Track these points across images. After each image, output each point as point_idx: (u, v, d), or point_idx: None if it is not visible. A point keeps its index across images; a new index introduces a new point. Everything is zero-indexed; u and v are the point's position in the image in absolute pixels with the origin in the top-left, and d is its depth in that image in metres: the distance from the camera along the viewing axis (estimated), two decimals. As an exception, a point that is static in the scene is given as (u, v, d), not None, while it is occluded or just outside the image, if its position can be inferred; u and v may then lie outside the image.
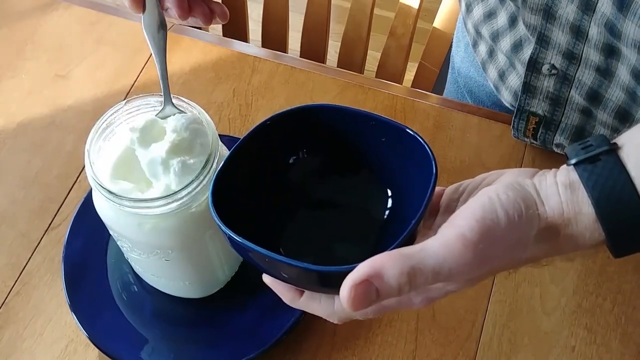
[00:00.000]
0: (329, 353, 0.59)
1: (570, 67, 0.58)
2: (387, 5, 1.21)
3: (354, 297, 0.33)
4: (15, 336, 0.60)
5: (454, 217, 0.36)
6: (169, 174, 0.48)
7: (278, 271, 0.39)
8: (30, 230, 0.65)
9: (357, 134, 0.44)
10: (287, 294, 0.42)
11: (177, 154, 0.48)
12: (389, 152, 0.44)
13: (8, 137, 0.71)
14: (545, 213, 0.36)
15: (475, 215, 0.35)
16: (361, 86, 0.74)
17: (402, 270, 0.33)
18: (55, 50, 0.77)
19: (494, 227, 0.35)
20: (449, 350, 0.59)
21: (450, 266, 0.34)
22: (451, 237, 0.34)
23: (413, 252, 0.34)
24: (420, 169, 0.40)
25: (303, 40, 0.97)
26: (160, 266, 0.55)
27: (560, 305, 0.61)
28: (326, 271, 0.36)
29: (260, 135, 0.43)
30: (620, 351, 0.59)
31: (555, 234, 0.37)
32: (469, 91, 0.80)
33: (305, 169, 0.46)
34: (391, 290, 0.33)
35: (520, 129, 0.66)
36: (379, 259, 0.34)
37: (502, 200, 0.35)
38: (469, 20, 0.68)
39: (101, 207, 0.52)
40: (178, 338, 0.60)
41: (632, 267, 0.62)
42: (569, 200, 0.36)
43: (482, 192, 0.37)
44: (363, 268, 0.33)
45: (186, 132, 0.49)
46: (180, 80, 0.75)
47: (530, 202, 0.36)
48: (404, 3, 0.89)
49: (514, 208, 0.35)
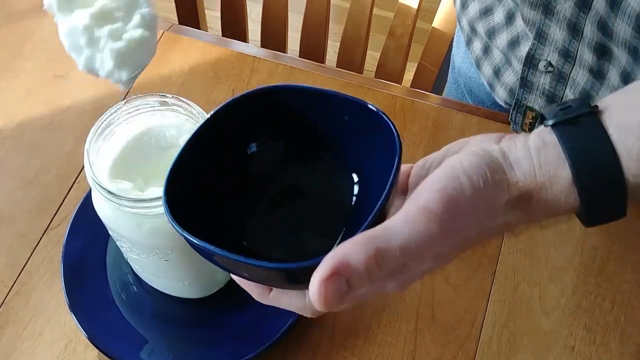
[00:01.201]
0: (328, 353, 0.59)
1: (566, 65, 0.58)
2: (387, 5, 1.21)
3: (325, 295, 0.31)
4: (15, 336, 0.60)
5: (416, 191, 0.34)
6: (97, 49, 0.40)
7: (240, 272, 0.38)
8: (29, 231, 0.65)
9: (319, 115, 0.41)
10: (256, 290, 0.39)
11: (107, 22, 0.40)
12: (353, 133, 0.41)
13: (7, 137, 0.71)
14: (515, 177, 0.34)
15: (436, 185, 0.33)
16: (360, 86, 0.74)
17: (368, 254, 0.31)
18: (54, 51, 0.77)
19: (458, 196, 0.33)
20: (448, 350, 0.59)
21: (416, 241, 0.32)
22: (414, 212, 0.32)
23: (376, 234, 0.32)
24: (385, 148, 0.38)
25: (302, 40, 0.97)
26: (160, 266, 0.55)
27: (560, 305, 0.61)
28: (289, 268, 0.34)
29: (214, 126, 0.41)
30: (619, 351, 0.59)
31: (528, 199, 0.35)
32: (469, 91, 0.80)
33: (267, 156, 0.43)
34: (361, 277, 0.31)
35: (518, 122, 0.66)
36: (342, 247, 0.31)
37: (464, 167, 0.33)
38: (463, 17, 0.69)
39: (100, 207, 0.52)
40: (177, 338, 0.60)
41: (631, 267, 0.62)
42: (542, 163, 0.34)
43: (445, 162, 0.35)
44: (328, 261, 0.31)
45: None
46: (179, 80, 0.75)
47: (496, 166, 0.34)
48: (403, 3, 0.89)
49: (478, 174, 0.33)
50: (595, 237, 0.64)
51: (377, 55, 0.95)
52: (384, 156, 0.38)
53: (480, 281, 0.62)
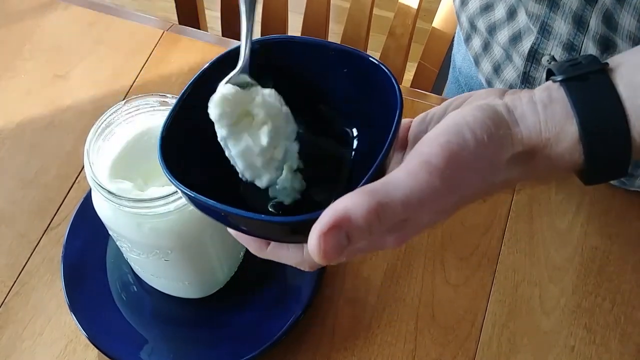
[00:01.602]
0: (328, 353, 0.59)
1: None
2: (387, 5, 1.21)
3: (324, 248, 0.30)
4: (15, 336, 0.60)
5: (419, 144, 0.33)
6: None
7: (239, 225, 0.37)
8: (29, 231, 0.65)
9: (316, 68, 0.40)
10: (253, 244, 0.39)
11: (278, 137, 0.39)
12: (352, 86, 0.40)
13: (7, 138, 0.71)
14: (520, 133, 0.34)
15: (439, 139, 0.32)
16: (360, 86, 0.74)
17: (369, 208, 0.30)
18: (54, 51, 0.77)
19: (460, 151, 0.32)
20: (448, 350, 0.59)
21: (418, 195, 0.31)
22: (415, 165, 0.32)
23: (378, 187, 0.31)
24: (385, 101, 0.37)
25: (302, 40, 0.97)
26: (160, 266, 0.55)
27: (560, 305, 0.61)
28: (289, 221, 0.33)
29: (208, 78, 0.39)
30: (619, 351, 0.59)
31: (532, 155, 0.34)
32: (469, 90, 0.80)
33: None
34: (362, 231, 0.30)
35: None
36: (342, 201, 0.30)
37: (468, 121, 0.33)
38: (463, 13, 0.68)
39: (100, 207, 0.52)
40: (177, 338, 0.60)
41: (631, 266, 0.62)
42: (548, 119, 0.34)
43: (447, 116, 0.34)
44: (328, 214, 0.30)
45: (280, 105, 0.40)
46: (179, 80, 0.75)
47: (501, 121, 0.33)
48: (403, 3, 0.89)
49: (482, 128, 0.33)
50: (595, 237, 0.64)
51: (377, 55, 0.95)
52: (384, 109, 0.37)
53: (480, 281, 0.62)
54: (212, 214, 0.36)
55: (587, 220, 0.64)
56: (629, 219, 0.65)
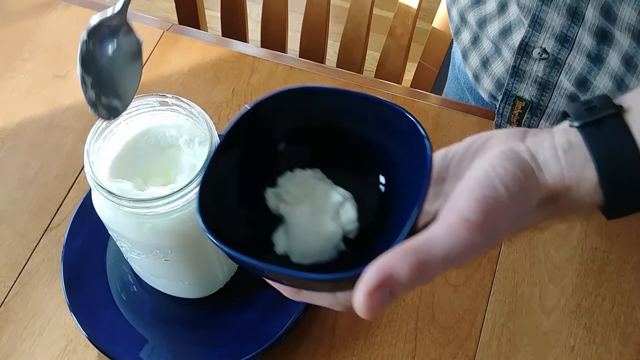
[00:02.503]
0: (328, 353, 0.59)
1: (562, 51, 0.57)
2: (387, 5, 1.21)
3: (370, 306, 0.32)
4: (15, 336, 0.60)
5: (453, 198, 0.34)
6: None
7: (278, 280, 0.38)
8: (29, 231, 0.65)
9: (343, 115, 0.41)
10: (288, 290, 0.41)
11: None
12: (377, 133, 0.41)
13: (7, 138, 0.71)
14: (545, 181, 0.35)
15: (475, 194, 0.33)
16: (360, 86, 0.74)
17: (411, 267, 0.32)
18: (54, 51, 0.77)
19: (496, 205, 0.33)
20: (448, 350, 0.59)
21: (458, 252, 0.33)
22: (454, 222, 0.33)
23: (418, 245, 0.32)
24: (411, 148, 0.38)
25: (302, 40, 0.97)
26: (160, 266, 0.55)
27: (560, 305, 0.61)
28: (330, 279, 0.34)
29: (240, 129, 0.41)
30: (619, 351, 0.59)
31: (555, 199, 0.36)
32: (469, 88, 0.80)
33: (294, 157, 0.43)
34: (404, 288, 0.32)
35: (506, 114, 0.66)
36: (385, 260, 0.32)
37: (499, 173, 0.34)
38: (453, 7, 0.69)
39: (100, 207, 0.52)
40: (177, 338, 0.60)
41: (631, 266, 0.62)
42: (569, 165, 0.35)
43: (476, 166, 0.35)
44: (372, 274, 0.32)
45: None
46: (179, 80, 0.75)
47: (529, 171, 0.35)
48: (403, 3, 0.89)
49: (513, 180, 0.34)
50: (595, 237, 0.64)
51: (377, 55, 0.95)
52: (410, 156, 0.38)
53: (480, 281, 0.62)
54: (254, 270, 0.37)
55: (587, 220, 0.64)
56: (629, 219, 0.64)
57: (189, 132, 0.52)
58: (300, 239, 0.40)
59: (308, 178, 0.42)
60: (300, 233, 0.40)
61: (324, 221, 0.40)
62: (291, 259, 0.40)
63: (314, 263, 0.40)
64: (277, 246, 0.41)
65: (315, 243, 0.40)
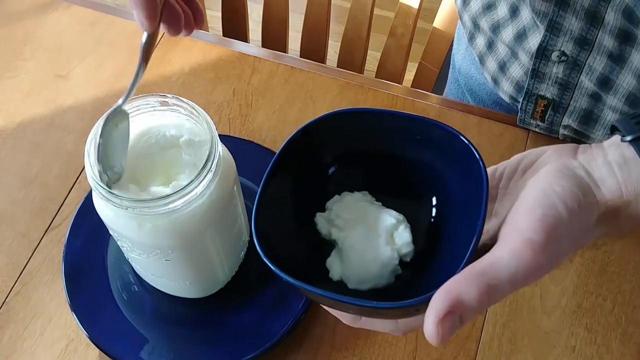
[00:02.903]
0: (329, 352, 0.59)
1: (582, 53, 0.57)
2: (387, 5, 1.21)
3: (442, 333, 0.32)
4: (16, 336, 0.60)
5: (513, 218, 0.34)
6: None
7: (344, 309, 0.38)
8: (30, 230, 0.65)
9: (391, 137, 0.41)
10: (347, 317, 0.41)
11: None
12: (428, 154, 0.41)
13: (8, 137, 0.71)
14: (603, 197, 0.35)
15: (536, 214, 0.33)
16: (361, 86, 0.74)
17: (480, 291, 0.32)
18: (55, 51, 0.77)
19: (558, 224, 0.33)
20: (449, 350, 0.59)
21: (524, 273, 0.33)
22: (518, 244, 0.33)
23: (484, 268, 0.32)
24: (463, 168, 0.38)
25: (303, 40, 0.97)
26: (161, 266, 0.55)
27: (561, 305, 0.61)
28: (397, 307, 0.34)
29: (290, 151, 0.40)
30: (620, 351, 0.59)
31: (615, 215, 0.35)
32: (469, 90, 0.80)
33: (342, 180, 0.43)
34: (474, 312, 0.32)
35: (529, 111, 0.66)
36: (453, 286, 0.32)
37: (557, 192, 0.34)
38: (465, 13, 0.68)
39: (101, 207, 0.52)
40: (178, 338, 0.60)
41: (632, 267, 0.62)
42: (627, 181, 0.35)
43: (532, 185, 0.35)
44: (442, 300, 0.32)
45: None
46: (180, 80, 0.75)
47: (586, 188, 0.35)
48: (404, 3, 0.89)
49: (572, 198, 0.34)
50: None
51: (377, 55, 0.95)
52: (463, 178, 0.38)
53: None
54: (318, 299, 0.37)
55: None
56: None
57: (190, 132, 0.52)
58: (355, 265, 0.40)
59: (357, 201, 0.42)
60: (355, 258, 0.40)
61: (379, 245, 0.40)
62: (347, 285, 0.40)
63: (371, 288, 0.39)
64: (332, 272, 0.40)
65: (372, 268, 0.39)
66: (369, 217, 0.41)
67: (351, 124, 0.41)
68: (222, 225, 0.53)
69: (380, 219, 0.41)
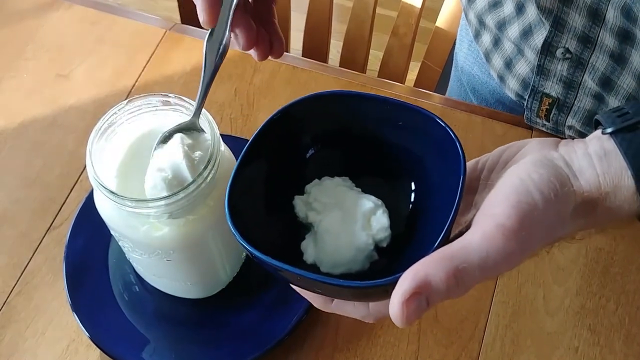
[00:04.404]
0: (331, 353, 0.59)
1: (585, 51, 0.58)
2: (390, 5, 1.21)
3: (407, 314, 0.31)
4: (17, 336, 0.60)
5: (488, 204, 0.34)
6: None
7: (311, 288, 0.38)
8: (31, 230, 0.65)
9: (373, 121, 0.41)
10: (318, 299, 0.40)
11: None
12: (408, 140, 0.41)
13: (9, 137, 0.71)
14: (580, 188, 0.35)
15: (510, 200, 0.33)
16: (363, 86, 0.74)
17: (448, 273, 0.31)
18: (56, 50, 0.77)
19: (532, 211, 0.33)
20: (451, 351, 0.59)
21: (495, 259, 0.32)
22: (490, 229, 0.32)
23: (454, 252, 0.32)
24: (442, 154, 0.38)
25: (305, 39, 0.97)
26: (162, 266, 0.55)
27: (564, 306, 0.61)
28: (364, 286, 0.34)
29: (269, 132, 0.40)
30: (624, 352, 0.58)
31: (593, 208, 0.35)
32: (472, 89, 0.80)
33: (321, 163, 0.43)
34: (441, 295, 0.32)
35: (534, 109, 0.66)
36: (421, 267, 0.32)
37: (534, 180, 0.33)
38: (470, 10, 0.68)
39: (102, 207, 0.52)
40: (179, 338, 0.60)
41: (636, 267, 0.62)
42: (606, 173, 0.35)
43: (510, 173, 0.35)
44: (408, 281, 0.31)
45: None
46: (182, 80, 0.74)
47: (563, 178, 0.34)
48: (406, 2, 0.89)
49: (549, 187, 0.33)
50: (599, 238, 0.63)
51: (380, 54, 0.95)
52: (442, 164, 0.38)
53: (483, 282, 0.62)
54: (282, 275, 0.37)
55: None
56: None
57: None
58: (329, 248, 0.40)
59: (337, 186, 0.42)
60: (329, 242, 0.40)
61: (355, 230, 0.40)
62: (320, 268, 0.39)
63: (344, 272, 0.39)
64: (305, 255, 0.40)
65: (346, 252, 0.39)
66: (347, 201, 0.41)
67: (332, 108, 0.41)
68: (223, 226, 0.53)
69: (359, 204, 0.40)
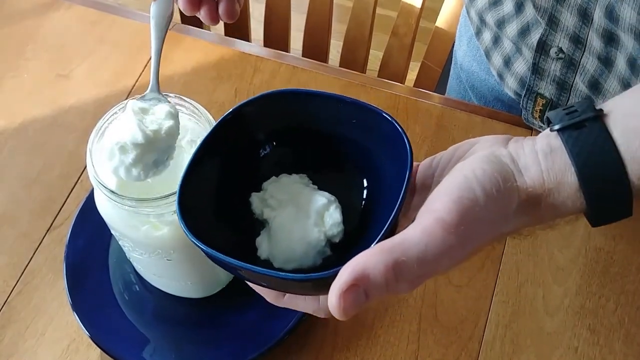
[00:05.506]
0: (331, 353, 0.59)
1: (576, 52, 0.58)
2: (390, 5, 1.21)
3: (344, 306, 0.31)
4: (17, 336, 0.60)
5: (430, 200, 0.34)
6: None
7: (257, 281, 0.38)
8: (31, 230, 0.65)
9: (325, 119, 0.42)
10: (270, 294, 0.40)
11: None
12: (361, 137, 0.41)
13: (9, 137, 0.71)
14: (524, 184, 0.35)
15: (452, 195, 0.33)
16: (363, 86, 0.74)
17: (386, 266, 0.31)
18: (56, 50, 0.77)
19: (473, 206, 0.33)
20: (451, 351, 0.59)
21: (434, 252, 0.32)
22: (430, 223, 0.32)
23: (393, 245, 0.32)
24: (394, 152, 0.38)
25: (305, 39, 0.97)
26: (162, 266, 0.55)
27: (564, 306, 0.61)
28: (307, 279, 0.34)
29: (223, 131, 0.41)
30: (623, 352, 0.58)
31: (536, 204, 0.35)
32: (471, 86, 0.80)
33: (277, 160, 0.43)
34: (379, 288, 0.32)
35: (529, 109, 0.66)
36: (360, 259, 0.32)
37: (477, 176, 0.34)
38: (472, 8, 0.69)
39: (103, 207, 0.52)
40: (180, 338, 0.60)
41: (636, 267, 0.62)
42: (550, 169, 0.35)
43: (456, 169, 0.35)
44: (346, 273, 0.31)
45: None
46: (182, 80, 0.75)
47: (507, 174, 0.35)
48: (406, 2, 0.89)
49: (491, 183, 0.34)
50: (599, 237, 0.63)
51: (380, 54, 0.95)
52: (393, 160, 0.38)
53: (483, 282, 0.62)
54: (231, 270, 0.38)
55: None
56: (633, 219, 0.64)
57: (192, 132, 0.51)
58: (282, 244, 0.40)
59: (293, 183, 0.42)
60: (282, 238, 0.40)
61: (308, 226, 0.40)
62: (273, 264, 0.40)
63: (296, 268, 0.40)
64: (260, 250, 0.40)
65: (298, 248, 0.40)
66: (302, 198, 0.41)
67: (286, 106, 0.42)
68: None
69: (313, 200, 0.41)
